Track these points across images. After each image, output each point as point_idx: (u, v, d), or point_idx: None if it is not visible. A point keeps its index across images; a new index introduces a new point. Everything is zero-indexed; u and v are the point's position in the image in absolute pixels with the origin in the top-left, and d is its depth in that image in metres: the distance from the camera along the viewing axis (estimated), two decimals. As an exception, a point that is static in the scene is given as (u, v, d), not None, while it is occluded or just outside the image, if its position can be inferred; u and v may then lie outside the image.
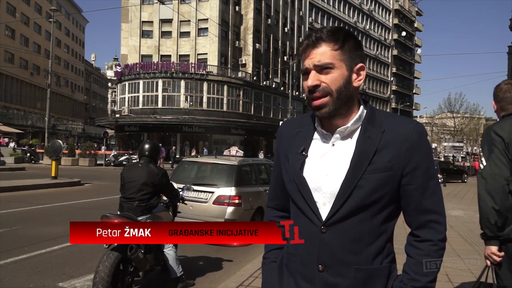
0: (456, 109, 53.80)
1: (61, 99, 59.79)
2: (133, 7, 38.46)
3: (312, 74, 1.27)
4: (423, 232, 1.30)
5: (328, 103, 1.27)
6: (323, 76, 1.27)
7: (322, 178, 1.30)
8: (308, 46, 1.29)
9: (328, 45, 1.27)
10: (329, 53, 1.26)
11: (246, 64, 39.56)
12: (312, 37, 1.29)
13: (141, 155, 4.60)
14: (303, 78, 1.32)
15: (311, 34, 1.30)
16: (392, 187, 1.27)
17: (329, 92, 1.26)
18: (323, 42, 1.27)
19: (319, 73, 1.27)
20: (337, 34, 1.28)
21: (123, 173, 4.48)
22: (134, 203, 4.31)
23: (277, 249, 1.48)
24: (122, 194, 4.41)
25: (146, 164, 4.51)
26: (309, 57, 1.28)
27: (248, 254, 6.54)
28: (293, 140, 1.39)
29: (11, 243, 6.34)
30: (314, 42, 1.28)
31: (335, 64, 1.26)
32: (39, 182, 14.45)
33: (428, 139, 1.44)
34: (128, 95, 37.71)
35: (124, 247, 4.01)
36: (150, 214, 4.39)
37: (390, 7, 68.49)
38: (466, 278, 4.94)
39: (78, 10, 68.77)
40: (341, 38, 1.28)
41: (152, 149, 4.62)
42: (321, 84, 1.26)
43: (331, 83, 1.26)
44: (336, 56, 1.27)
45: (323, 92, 1.27)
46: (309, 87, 1.27)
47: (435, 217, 1.29)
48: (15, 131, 41.31)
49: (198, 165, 8.10)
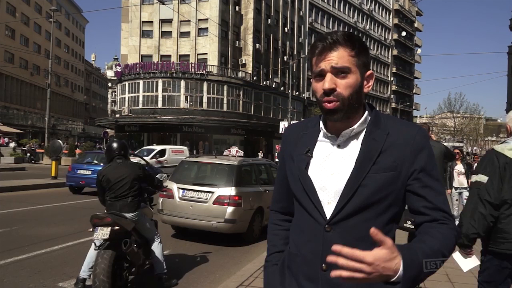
0: (456, 109, 53.85)
1: (61, 99, 59.77)
2: (133, 7, 38.44)
3: (329, 77, 1.27)
4: (437, 223, 1.26)
5: (341, 108, 1.27)
6: (339, 80, 1.27)
7: (327, 177, 1.31)
8: (324, 48, 1.28)
9: (345, 49, 1.27)
10: (346, 58, 1.26)
11: (246, 64, 39.55)
12: (329, 39, 1.27)
13: (114, 155, 4.59)
14: (316, 80, 1.31)
15: (326, 37, 1.29)
16: (397, 187, 1.28)
17: (343, 98, 1.27)
18: (340, 46, 1.27)
19: (335, 76, 1.27)
20: (352, 39, 1.29)
21: (104, 175, 4.40)
22: (127, 199, 4.36)
23: (279, 252, 1.49)
24: (110, 195, 4.39)
25: (125, 161, 4.57)
26: (326, 59, 1.27)
27: (248, 254, 6.54)
28: (298, 142, 1.41)
29: (11, 243, 6.34)
30: (331, 44, 1.27)
31: (352, 69, 1.27)
32: (39, 182, 14.45)
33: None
34: (128, 95, 37.69)
35: (118, 243, 4.02)
36: (138, 211, 4.46)
37: (390, 7, 68.46)
38: (466, 278, 4.94)
39: (78, 10, 68.76)
40: (357, 44, 1.29)
41: (122, 147, 4.67)
42: (336, 89, 1.27)
43: (345, 89, 1.27)
44: (352, 62, 1.27)
45: (338, 97, 1.27)
46: (325, 90, 1.27)
47: (446, 215, 1.27)
48: (15, 131, 41.31)
49: (198, 165, 8.10)
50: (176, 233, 7.70)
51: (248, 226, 7.19)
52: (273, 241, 1.54)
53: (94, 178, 13.19)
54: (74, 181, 13.35)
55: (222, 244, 7.04)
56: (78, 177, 13.22)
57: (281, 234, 1.52)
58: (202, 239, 7.24)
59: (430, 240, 1.21)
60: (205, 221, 6.89)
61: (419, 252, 1.15)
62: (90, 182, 12.66)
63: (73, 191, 13.46)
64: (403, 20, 72.07)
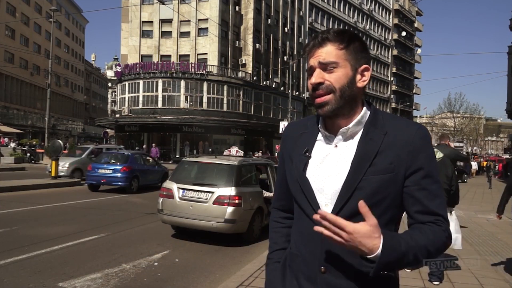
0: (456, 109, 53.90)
1: (61, 99, 59.74)
2: (133, 7, 38.41)
3: (317, 72, 1.29)
4: (430, 223, 1.26)
5: (331, 101, 1.27)
6: (327, 74, 1.28)
7: (324, 179, 1.30)
8: (314, 46, 1.31)
9: (334, 44, 1.28)
10: (334, 52, 1.27)
11: (246, 64, 39.53)
12: (318, 38, 1.30)
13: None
14: (308, 77, 1.33)
15: (318, 35, 1.31)
16: (394, 189, 1.26)
17: (332, 90, 1.27)
18: (328, 42, 1.29)
19: (323, 71, 1.28)
20: (342, 35, 1.30)
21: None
22: None
23: (280, 249, 1.49)
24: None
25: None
26: (314, 55, 1.29)
27: (248, 254, 6.54)
28: (297, 142, 1.41)
29: (11, 243, 6.34)
30: (320, 42, 1.29)
31: (340, 63, 1.27)
32: (39, 182, 14.44)
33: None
34: (128, 95, 37.67)
35: None
36: None
37: (390, 7, 68.44)
38: (466, 278, 4.94)
39: (78, 10, 68.73)
40: (346, 38, 1.29)
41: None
42: (324, 82, 1.27)
43: (334, 82, 1.27)
44: (341, 56, 1.28)
45: (326, 90, 1.27)
46: (313, 84, 1.28)
47: (440, 218, 1.26)
48: (15, 131, 41.31)
49: (198, 165, 8.10)
50: (176, 233, 7.70)
51: (248, 226, 7.19)
52: (275, 238, 1.54)
53: (114, 177, 13.73)
54: (95, 179, 14.06)
55: (222, 244, 7.04)
56: (99, 175, 14.00)
57: (282, 231, 1.53)
58: (202, 239, 7.24)
59: (418, 235, 1.22)
60: (205, 221, 6.89)
61: (402, 242, 1.17)
62: (111, 181, 13.88)
63: (92, 189, 14.12)
64: (403, 20, 72.05)
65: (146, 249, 6.41)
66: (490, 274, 5.24)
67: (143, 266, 5.56)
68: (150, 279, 5.03)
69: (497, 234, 8.20)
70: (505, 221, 9.85)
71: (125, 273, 5.17)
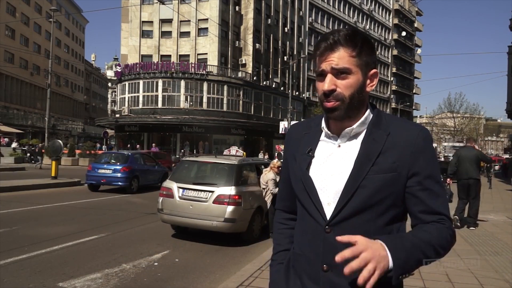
0: (456, 109, 53.93)
1: (61, 99, 59.75)
2: (133, 7, 38.41)
3: (329, 78, 1.27)
4: (434, 222, 1.27)
5: (341, 107, 1.28)
6: (339, 80, 1.27)
7: (327, 178, 1.31)
8: (326, 49, 1.28)
9: (346, 50, 1.27)
10: (346, 58, 1.26)
11: (246, 64, 39.52)
12: (330, 40, 1.27)
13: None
14: (318, 79, 1.32)
15: (328, 37, 1.29)
16: (396, 189, 1.27)
17: (343, 98, 1.27)
18: (341, 46, 1.27)
19: (335, 76, 1.28)
20: (355, 39, 1.28)
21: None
22: None
23: (284, 250, 1.50)
24: None
25: None
26: (327, 60, 1.28)
27: (248, 254, 6.54)
28: (300, 142, 1.42)
29: (11, 243, 6.34)
30: (332, 45, 1.27)
31: (352, 69, 1.27)
32: (39, 182, 14.44)
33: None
34: (128, 95, 37.66)
35: None
36: None
37: (390, 7, 68.45)
38: (466, 278, 4.94)
39: (78, 10, 68.73)
40: (359, 44, 1.28)
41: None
42: (336, 89, 1.27)
43: (346, 89, 1.27)
44: (354, 62, 1.27)
45: (337, 98, 1.27)
46: (325, 91, 1.28)
47: (443, 217, 1.27)
48: (15, 131, 41.29)
49: (198, 165, 8.10)
50: (176, 233, 7.70)
51: (248, 226, 7.19)
52: (278, 239, 1.55)
53: (114, 177, 13.79)
54: (95, 179, 14.13)
55: (222, 244, 7.04)
56: (99, 175, 14.09)
57: (286, 232, 1.53)
58: (202, 239, 7.24)
59: (421, 233, 1.23)
60: (205, 221, 6.89)
61: (404, 241, 1.18)
62: (111, 181, 13.92)
63: (92, 189, 14.14)
64: (403, 20, 72.05)
65: (146, 249, 6.41)
66: (490, 274, 5.24)
67: (143, 266, 5.56)
68: (150, 279, 5.03)
69: (497, 234, 8.19)
70: (505, 221, 9.85)
71: (125, 273, 5.17)
